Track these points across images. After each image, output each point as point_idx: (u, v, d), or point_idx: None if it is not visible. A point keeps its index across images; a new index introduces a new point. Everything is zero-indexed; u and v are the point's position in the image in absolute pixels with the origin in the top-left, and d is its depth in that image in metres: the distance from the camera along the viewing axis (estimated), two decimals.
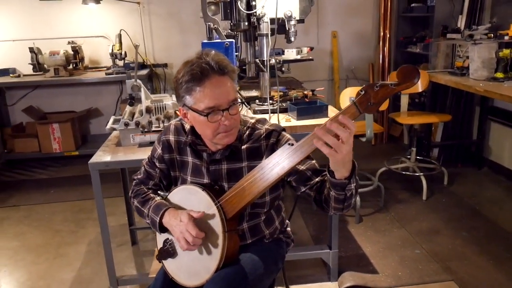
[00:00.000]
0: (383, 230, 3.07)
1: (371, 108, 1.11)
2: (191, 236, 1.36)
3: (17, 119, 4.84)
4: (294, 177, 1.45)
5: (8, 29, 4.56)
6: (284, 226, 1.69)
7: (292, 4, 2.40)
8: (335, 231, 2.45)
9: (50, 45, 4.35)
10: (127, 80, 2.51)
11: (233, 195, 1.38)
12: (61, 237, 3.20)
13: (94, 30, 4.63)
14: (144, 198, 1.58)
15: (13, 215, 3.60)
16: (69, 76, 4.30)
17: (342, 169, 1.20)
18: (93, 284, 2.61)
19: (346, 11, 4.92)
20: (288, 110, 2.44)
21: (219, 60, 1.34)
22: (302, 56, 2.59)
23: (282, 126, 1.53)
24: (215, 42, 2.26)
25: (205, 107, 1.33)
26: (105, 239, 2.29)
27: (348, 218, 3.24)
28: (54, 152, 4.51)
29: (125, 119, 2.39)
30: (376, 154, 4.57)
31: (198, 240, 1.38)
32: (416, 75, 1.08)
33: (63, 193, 3.94)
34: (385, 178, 3.80)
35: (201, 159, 1.50)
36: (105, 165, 2.17)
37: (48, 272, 2.77)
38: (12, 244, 3.14)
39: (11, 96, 4.79)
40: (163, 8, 4.63)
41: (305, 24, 4.81)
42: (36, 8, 4.52)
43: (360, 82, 5.07)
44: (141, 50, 4.68)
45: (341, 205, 1.34)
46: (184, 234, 1.38)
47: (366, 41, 5.04)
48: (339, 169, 1.21)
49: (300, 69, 4.12)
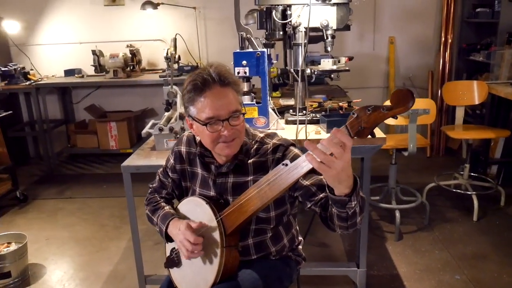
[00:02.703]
0: (423, 250, 2.90)
1: (362, 133, 1.06)
2: (189, 244, 1.38)
3: (80, 116, 5.18)
4: (300, 192, 1.41)
5: (75, 32, 4.89)
6: (295, 244, 1.65)
7: (329, 13, 2.33)
8: (363, 248, 2.36)
9: (111, 47, 4.62)
10: (164, 87, 2.60)
11: (232, 211, 1.38)
12: (105, 232, 3.37)
13: (152, 34, 4.83)
14: (155, 206, 1.62)
15: (67, 206, 3.86)
16: (127, 78, 4.53)
17: (339, 185, 1.15)
18: (125, 280, 2.73)
19: (405, 15, 4.71)
20: (320, 122, 2.38)
21: (221, 71, 1.36)
22: (338, 67, 2.51)
23: (291, 141, 1.49)
24: (246, 52, 2.27)
25: (206, 117, 1.34)
26: (134, 238, 2.39)
27: (387, 235, 3.11)
28: (111, 148, 4.78)
29: (160, 124, 2.47)
30: (429, 168, 4.33)
31: (196, 247, 1.39)
32: (410, 99, 1.01)
33: (114, 189, 4.16)
34: (434, 194, 3.59)
35: (209, 172, 1.51)
36: (136, 169, 2.25)
37: (89, 264, 2.94)
38: (62, 234, 3.36)
39: (76, 95, 5.14)
40: (217, 13, 4.72)
41: (360, 30, 4.75)
42: (101, 13, 4.81)
43: (418, 91, 4.84)
44: (195, 54, 4.81)
45: (344, 223, 1.28)
46: (183, 243, 1.41)
47: (426, 47, 4.79)
48: (335, 185, 1.16)
49: (353, 76, 3.99)
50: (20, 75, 4.50)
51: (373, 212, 3.46)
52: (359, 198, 1.20)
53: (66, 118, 5.14)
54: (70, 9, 4.83)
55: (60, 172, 4.77)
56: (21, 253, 2.73)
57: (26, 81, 4.52)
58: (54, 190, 4.23)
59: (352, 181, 1.16)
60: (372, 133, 1.07)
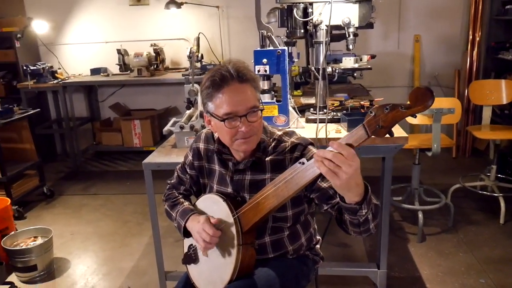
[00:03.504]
0: (447, 252, 2.84)
1: (380, 132, 1.04)
2: (208, 235, 1.40)
3: (106, 114, 5.28)
4: (317, 195, 1.40)
5: (101, 31, 4.99)
6: (313, 243, 1.64)
7: (351, 11, 2.30)
8: (384, 249, 2.33)
9: (135, 47, 4.69)
10: (185, 85, 2.62)
11: (249, 208, 1.38)
12: (128, 228, 3.43)
13: (175, 33, 4.88)
14: (174, 202, 1.64)
15: (91, 202, 3.95)
16: (150, 77, 4.59)
17: (348, 193, 1.14)
18: (146, 276, 2.77)
19: (431, 13, 4.61)
20: (340, 121, 2.36)
21: (239, 67, 1.36)
22: (360, 65, 2.48)
23: (309, 140, 1.48)
24: (267, 50, 2.26)
25: (223, 112, 1.35)
26: (155, 234, 2.42)
27: (410, 236, 3.05)
28: (135, 146, 4.86)
29: (181, 122, 2.49)
30: (455, 169, 4.23)
31: (214, 239, 1.41)
32: (429, 98, 0.98)
33: (137, 186, 4.22)
34: (459, 196, 3.51)
35: (227, 168, 1.52)
36: (157, 166, 2.28)
37: (111, 259, 3.00)
38: (86, 230, 3.44)
39: (102, 93, 5.25)
40: (240, 11, 4.73)
41: (384, 28, 4.68)
42: (126, 12, 4.89)
43: (443, 90, 4.74)
44: (218, 52, 4.84)
45: (357, 229, 1.27)
46: (201, 234, 1.42)
47: (453, 45, 4.67)
48: (345, 194, 1.15)
49: (376, 74, 3.96)
50: (48, 74, 4.62)
51: (395, 212, 3.41)
52: (372, 206, 1.19)
53: (92, 116, 5.26)
54: (97, 9, 4.94)
55: (86, 169, 4.87)
56: (47, 247, 2.80)
57: (54, 80, 4.63)
58: (80, 186, 4.33)
59: (363, 189, 1.14)
60: (390, 132, 1.05)
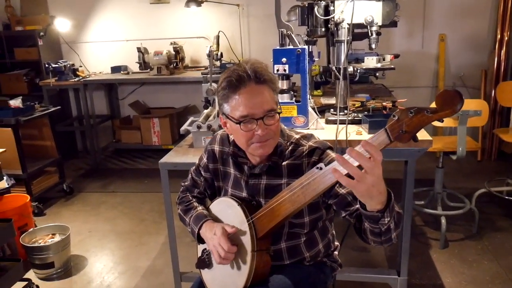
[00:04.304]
0: (470, 260, 2.74)
1: (403, 137, 0.98)
2: (223, 251, 1.35)
3: (126, 112, 5.31)
4: (335, 201, 1.35)
5: (122, 29, 5.01)
6: (331, 250, 1.59)
7: (375, 9, 2.23)
8: (405, 255, 2.24)
9: (155, 45, 4.68)
10: (203, 84, 2.58)
11: (263, 214, 1.33)
12: (145, 226, 3.43)
13: (195, 31, 4.86)
14: (188, 206, 1.60)
15: (110, 200, 3.96)
16: (170, 75, 4.58)
17: (370, 201, 1.08)
18: (162, 276, 2.75)
19: (458, 12, 4.47)
20: (361, 122, 2.29)
21: (257, 68, 1.30)
22: (383, 65, 2.40)
23: (328, 144, 1.43)
24: (286, 49, 2.21)
25: (239, 115, 1.30)
26: (171, 234, 2.39)
27: (432, 242, 2.96)
28: (154, 144, 4.88)
29: (198, 121, 2.46)
30: (480, 172, 4.09)
31: (230, 255, 1.36)
32: (458, 102, 0.91)
33: (155, 184, 4.22)
34: (484, 201, 3.39)
35: (242, 172, 1.47)
36: (173, 166, 2.25)
37: (127, 258, 2.99)
38: (104, 227, 3.45)
39: (122, 91, 5.28)
40: (261, 10, 4.68)
41: (408, 27, 4.57)
42: (146, 11, 4.90)
43: (469, 91, 4.59)
44: (238, 51, 4.80)
45: (378, 238, 1.21)
46: (217, 248, 1.37)
47: (480, 45, 4.52)
48: (367, 201, 1.09)
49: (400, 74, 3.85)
50: (69, 71, 4.66)
51: (417, 217, 3.31)
52: (394, 214, 1.13)
53: (112, 113, 5.29)
54: (118, 7, 4.96)
55: (105, 166, 4.90)
56: (64, 244, 2.81)
57: (75, 78, 4.67)
58: (99, 184, 4.36)
59: (385, 196, 1.08)
60: (415, 138, 0.99)
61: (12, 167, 3.52)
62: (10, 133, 3.47)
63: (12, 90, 4.79)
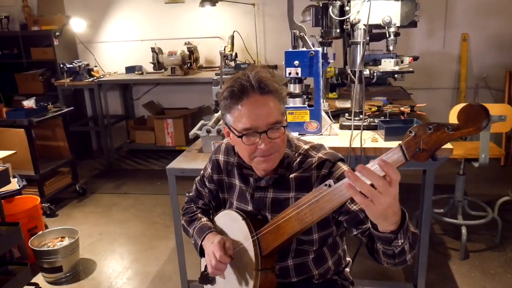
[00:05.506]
0: (492, 273, 2.60)
1: (420, 156, 0.88)
2: (214, 259, 1.28)
3: (140, 112, 5.28)
4: (346, 218, 1.25)
5: (137, 29, 4.98)
6: (341, 267, 1.49)
7: (393, 9, 2.12)
8: (423, 266, 2.14)
9: (170, 45, 4.63)
10: (213, 87, 2.52)
11: (269, 231, 1.25)
12: (155, 230, 3.38)
13: (210, 31, 4.80)
14: (192, 217, 1.53)
15: (122, 201, 3.93)
16: (184, 75, 4.53)
17: (383, 222, 0.99)
18: (170, 282, 2.70)
19: (481, 11, 4.30)
20: (377, 128, 2.18)
21: (262, 78, 1.21)
22: (401, 68, 2.28)
23: (339, 156, 1.33)
24: (299, 51, 2.12)
25: (242, 127, 1.22)
26: (179, 242, 2.33)
27: (451, 252, 2.82)
28: (167, 145, 4.83)
29: (208, 126, 2.39)
30: (503, 179, 3.92)
31: (221, 265, 1.28)
32: (484, 119, 0.81)
33: (167, 186, 4.13)
34: (507, 209, 3.23)
35: (247, 184, 1.39)
36: (180, 172, 2.20)
37: (137, 262, 2.95)
38: (115, 230, 3.41)
39: (136, 91, 5.25)
40: (277, 9, 4.58)
41: (429, 27, 4.41)
42: (161, 10, 4.86)
43: (492, 93, 4.41)
44: (253, 51, 4.72)
45: (392, 260, 1.12)
46: (210, 257, 1.31)
47: (504, 45, 4.34)
48: (379, 222, 1.00)
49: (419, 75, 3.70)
50: (84, 71, 4.65)
51: (436, 225, 3.17)
52: (409, 235, 1.03)
53: (127, 114, 5.27)
54: (133, 7, 4.93)
55: (119, 167, 4.89)
56: (73, 248, 2.78)
57: (90, 78, 4.66)
58: (112, 185, 4.33)
59: (399, 216, 0.99)
60: (434, 157, 0.88)
61: (25, 168, 3.52)
62: (23, 134, 3.46)
63: (28, 90, 4.81)
